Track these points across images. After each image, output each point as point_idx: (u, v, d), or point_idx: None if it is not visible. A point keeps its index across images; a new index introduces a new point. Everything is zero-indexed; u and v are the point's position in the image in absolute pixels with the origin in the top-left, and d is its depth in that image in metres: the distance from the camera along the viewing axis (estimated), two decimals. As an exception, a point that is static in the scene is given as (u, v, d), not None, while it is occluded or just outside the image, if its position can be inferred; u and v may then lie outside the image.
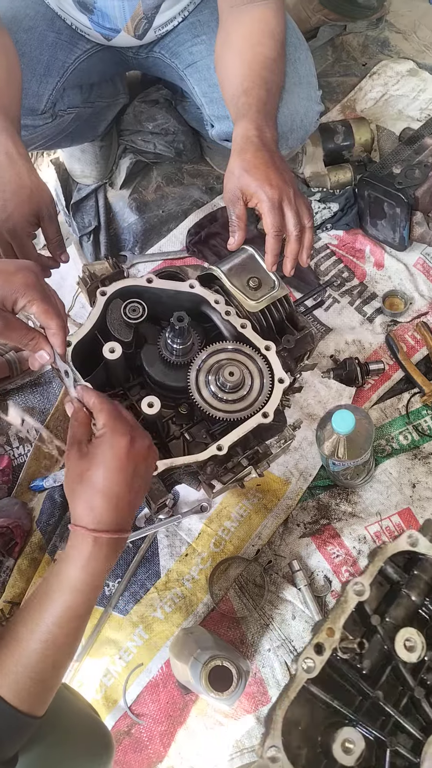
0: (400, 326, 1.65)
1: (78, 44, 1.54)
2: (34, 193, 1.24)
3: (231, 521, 1.46)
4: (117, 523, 0.87)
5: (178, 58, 1.57)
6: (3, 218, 1.24)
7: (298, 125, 1.44)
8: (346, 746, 0.83)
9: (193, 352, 1.14)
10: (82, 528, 0.85)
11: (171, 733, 1.32)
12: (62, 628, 0.85)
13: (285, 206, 1.18)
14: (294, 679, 0.86)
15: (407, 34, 2.17)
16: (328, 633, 0.89)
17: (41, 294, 0.95)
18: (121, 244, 1.86)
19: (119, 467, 0.86)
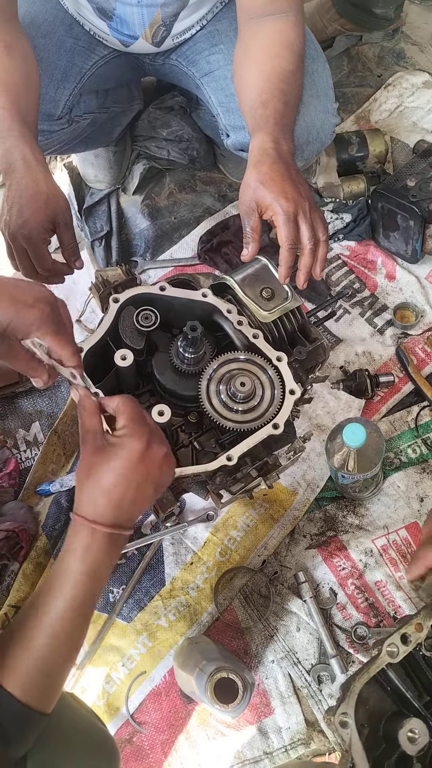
0: (410, 339, 1.65)
1: (95, 50, 1.54)
2: (50, 200, 1.25)
3: (237, 531, 1.45)
4: (116, 519, 0.88)
5: (195, 67, 1.58)
6: (19, 224, 1.24)
7: (314, 137, 1.44)
8: (412, 735, 0.87)
9: (205, 361, 1.14)
10: (82, 518, 0.87)
11: (172, 741, 1.32)
12: (66, 621, 0.86)
13: (300, 219, 1.17)
14: (377, 659, 0.92)
15: (423, 47, 2.17)
16: (417, 628, 0.94)
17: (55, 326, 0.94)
18: (133, 250, 1.86)
19: (129, 470, 0.87)
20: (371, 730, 0.92)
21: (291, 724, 1.29)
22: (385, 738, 0.92)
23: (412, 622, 0.95)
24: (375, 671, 0.91)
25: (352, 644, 1.33)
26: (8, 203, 1.26)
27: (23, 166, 1.23)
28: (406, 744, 0.87)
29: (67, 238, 1.30)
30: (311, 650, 1.34)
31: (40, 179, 1.24)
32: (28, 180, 1.23)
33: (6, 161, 1.24)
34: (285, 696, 1.31)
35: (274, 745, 1.28)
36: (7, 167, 1.24)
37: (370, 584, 1.38)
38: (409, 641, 0.93)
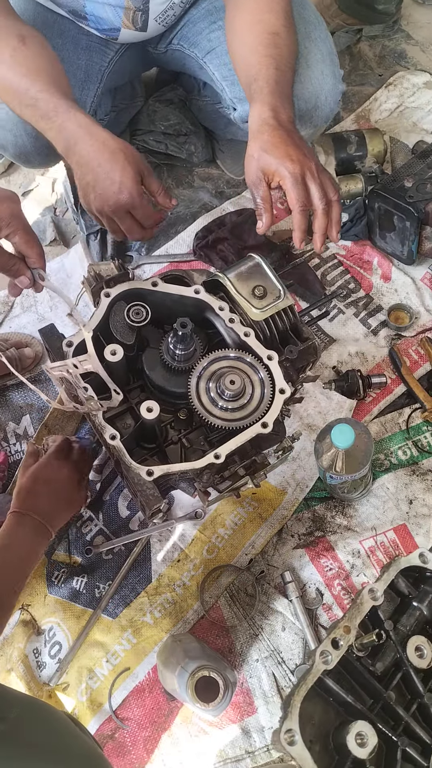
0: (404, 340, 1.64)
1: (109, 45, 1.52)
2: (127, 154, 1.23)
3: (225, 529, 1.45)
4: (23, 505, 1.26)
5: (197, 48, 1.55)
6: (115, 191, 1.22)
7: (323, 102, 1.42)
8: (360, 739, 0.86)
9: (195, 358, 1.14)
10: None
11: (155, 739, 1.31)
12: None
13: (308, 180, 1.15)
14: (311, 669, 0.90)
15: (425, 46, 2.16)
16: (345, 630, 0.93)
17: (24, 224, 1.01)
18: (128, 245, 1.85)
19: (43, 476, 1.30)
20: (321, 745, 0.90)
21: (274, 723, 1.29)
22: (337, 750, 0.90)
23: (339, 625, 0.93)
24: (312, 682, 0.89)
25: (337, 645, 1.32)
26: (88, 177, 1.23)
27: (85, 134, 1.21)
28: (356, 749, 0.85)
29: (155, 183, 1.30)
30: (296, 650, 1.34)
31: (107, 139, 1.22)
32: (97, 144, 1.21)
33: (62, 138, 1.22)
34: (268, 695, 1.31)
35: (257, 744, 1.28)
36: (66, 144, 1.22)
37: (356, 585, 1.37)
38: (340, 645, 0.92)
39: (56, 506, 1.30)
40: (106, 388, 1.08)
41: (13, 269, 1.04)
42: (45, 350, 1.64)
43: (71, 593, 1.42)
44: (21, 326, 1.74)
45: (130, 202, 1.24)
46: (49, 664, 1.37)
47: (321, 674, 0.90)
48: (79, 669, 1.36)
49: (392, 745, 0.90)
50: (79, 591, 1.42)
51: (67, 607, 1.41)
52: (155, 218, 1.33)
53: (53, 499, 1.29)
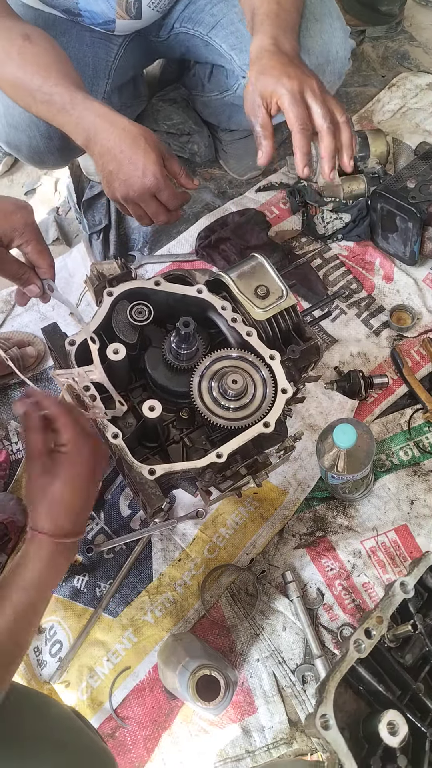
0: (406, 341, 1.64)
1: (111, 38, 1.53)
2: (148, 138, 1.23)
3: (226, 528, 1.45)
4: (74, 527, 0.92)
5: (200, 25, 1.55)
6: (140, 175, 1.22)
7: (334, 56, 1.39)
8: (391, 727, 0.88)
9: (197, 357, 1.14)
10: (45, 535, 0.90)
11: (155, 738, 1.31)
12: (20, 623, 0.88)
13: (309, 98, 1.08)
14: (345, 656, 0.93)
15: (428, 48, 2.16)
16: (377, 621, 0.96)
17: (37, 234, 1.01)
18: (131, 244, 1.86)
19: (81, 483, 0.91)
20: (352, 733, 0.93)
21: (274, 723, 1.29)
22: (366, 738, 0.93)
23: (372, 615, 0.96)
24: (346, 669, 0.92)
25: (338, 645, 1.32)
26: (110, 165, 1.23)
27: (104, 122, 1.20)
28: (387, 737, 0.88)
29: (177, 165, 1.29)
30: (296, 650, 1.34)
31: (126, 125, 1.22)
32: (118, 131, 1.21)
33: (82, 129, 1.21)
34: (269, 695, 1.31)
35: (257, 743, 1.28)
36: (87, 135, 1.22)
37: (357, 585, 1.38)
38: (373, 635, 0.94)
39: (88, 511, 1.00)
40: (108, 389, 1.09)
41: (23, 278, 1.04)
42: (47, 349, 1.65)
43: (72, 592, 1.42)
44: (23, 325, 1.74)
45: (155, 184, 1.24)
46: (49, 663, 1.37)
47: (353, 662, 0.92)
48: (80, 668, 1.36)
49: (421, 735, 0.93)
50: (80, 590, 1.43)
51: (68, 605, 1.41)
52: (180, 199, 1.31)
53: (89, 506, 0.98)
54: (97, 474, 0.94)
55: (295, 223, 1.83)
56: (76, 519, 0.92)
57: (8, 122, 1.40)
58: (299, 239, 1.81)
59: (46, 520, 0.90)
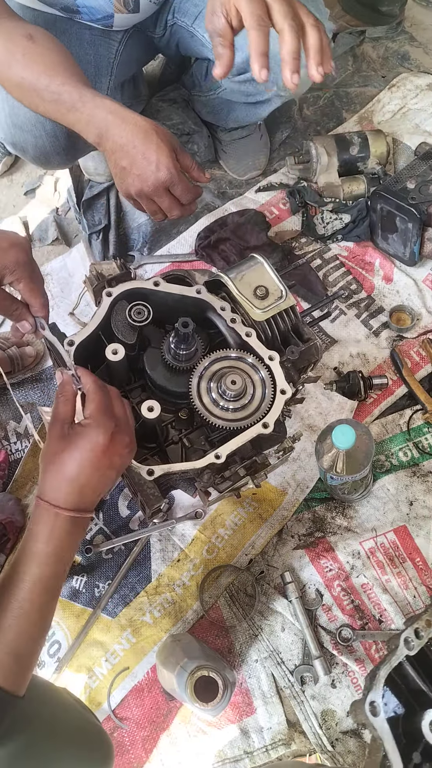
0: (405, 342, 1.64)
1: (111, 35, 1.52)
2: (160, 132, 1.23)
3: (225, 529, 1.45)
4: (79, 504, 0.92)
5: (186, 16, 1.54)
6: (153, 169, 1.22)
7: None
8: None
9: (196, 357, 1.14)
10: (46, 502, 0.90)
11: (153, 738, 1.31)
12: (34, 603, 0.88)
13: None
14: (395, 651, 0.97)
15: (428, 48, 2.16)
16: (426, 623, 0.99)
17: (29, 273, 1.00)
18: (130, 244, 1.86)
19: (92, 460, 0.91)
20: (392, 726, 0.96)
21: (272, 724, 1.29)
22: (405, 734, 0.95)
23: (422, 617, 0.99)
24: (396, 662, 0.95)
25: (337, 646, 1.32)
26: (123, 161, 1.23)
27: (116, 118, 1.20)
28: (430, 735, 0.91)
29: (189, 159, 1.29)
30: (295, 651, 1.34)
31: (138, 120, 1.21)
32: (130, 126, 1.20)
33: (94, 127, 1.21)
34: (267, 696, 1.31)
35: (255, 744, 1.28)
36: (98, 132, 1.22)
37: (356, 586, 1.37)
38: (422, 635, 0.97)
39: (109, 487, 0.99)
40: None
41: (15, 314, 1.04)
42: (46, 349, 1.65)
43: (71, 592, 1.42)
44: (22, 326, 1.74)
45: (169, 178, 1.24)
46: (48, 663, 1.37)
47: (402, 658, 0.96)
48: (78, 668, 1.36)
49: None
50: (78, 590, 1.43)
51: (67, 606, 1.41)
52: (194, 193, 1.32)
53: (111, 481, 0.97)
54: (114, 460, 0.93)
55: (295, 223, 1.83)
56: (80, 494, 0.91)
57: (13, 123, 1.40)
58: (299, 240, 1.80)
59: (50, 488, 0.91)
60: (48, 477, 0.92)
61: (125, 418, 0.98)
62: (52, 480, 0.91)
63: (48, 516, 0.90)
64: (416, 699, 0.97)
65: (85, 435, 0.92)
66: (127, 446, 0.96)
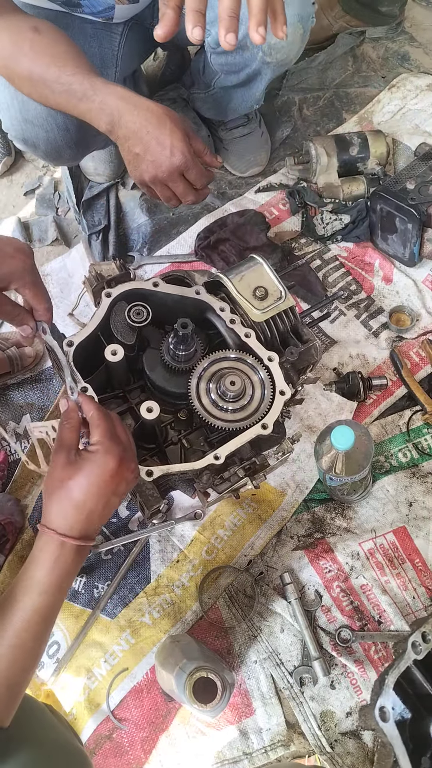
0: (405, 342, 1.64)
1: (112, 28, 1.52)
2: (172, 117, 1.23)
3: (224, 530, 1.45)
4: (84, 532, 0.91)
5: None
6: (168, 154, 1.22)
7: None
8: None
9: (196, 358, 1.14)
10: (52, 531, 0.89)
11: (152, 739, 1.31)
12: (29, 632, 0.87)
13: None
14: (403, 655, 0.97)
15: (428, 49, 2.16)
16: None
17: (33, 278, 1.01)
18: (130, 245, 1.85)
19: (100, 487, 0.90)
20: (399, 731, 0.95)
21: (272, 725, 1.29)
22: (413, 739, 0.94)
23: (429, 620, 1.00)
24: (404, 666, 0.95)
25: (336, 647, 1.32)
26: (137, 148, 1.23)
27: (127, 105, 1.20)
28: None
29: (201, 143, 1.30)
30: (294, 652, 1.34)
31: (150, 105, 1.22)
32: (142, 112, 1.20)
33: (106, 115, 1.21)
34: (266, 697, 1.31)
35: (254, 745, 1.28)
36: (111, 119, 1.21)
37: (355, 587, 1.37)
38: (429, 639, 0.98)
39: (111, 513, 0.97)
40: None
41: (18, 319, 1.05)
42: (45, 350, 1.65)
43: (70, 593, 1.42)
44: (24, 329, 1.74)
45: (184, 163, 1.24)
46: (47, 664, 1.37)
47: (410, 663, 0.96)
48: (78, 669, 1.36)
49: None
50: (77, 591, 1.42)
51: (66, 606, 1.41)
52: (207, 177, 1.32)
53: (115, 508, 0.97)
54: (119, 486, 0.92)
55: (295, 224, 1.83)
56: (86, 522, 0.90)
57: (24, 118, 1.39)
58: (298, 240, 1.80)
59: (56, 515, 0.90)
60: (54, 504, 0.90)
61: (129, 444, 0.97)
62: (58, 507, 0.90)
63: (53, 545, 0.89)
64: (424, 703, 0.97)
65: (95, 461, 0.91)
66: (133, 471, 0.96)
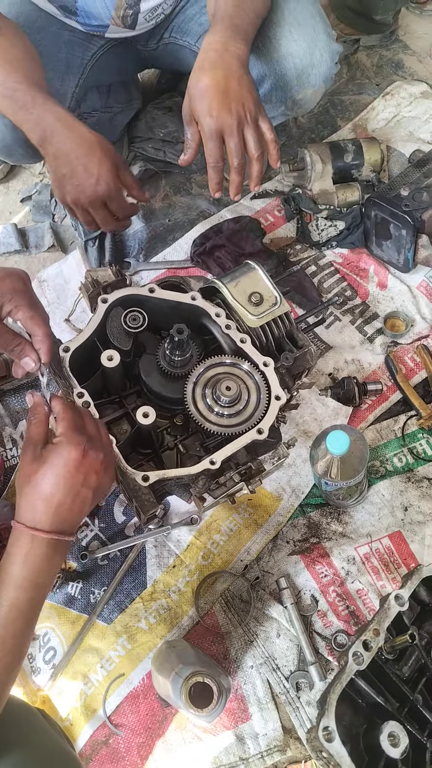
0: (400, 348, 1.65)
1: (93, 40, 1.54)
2: (104, 147, 1.25)
3: (220, 535, 1.45)
4: (55, 525, 0.90)
5: (189, 35, 1.57)
6: (93, 183, 1.24)
7: (318, 59, 1.43)
8: (392, 739, 0.90)
9: (191, 364, 1.14)
10: (22, 525, 0.89)
11: (149, 745, 1.31)
12: (8, 629, 0.87)
13: (226, 137, 1.18)
14: (345, 669, 0.94)
15: (422, 57, 2.18)
16: (374, 633, 0.98)
17: (28, 301, 0.98)
18: (126, 251, 1.86)
19: (66, 477, 0.90)
20: (352, 746, 0.93)
21: (268, 730, 1.29)
22: (367, 751, 0.92)
23: (369, 628, 0.97)
24: (346, 680, 0.93)
25: (332, 652, 1.32)
26: (64, 169, 1.24)
27: (62, 127, 1.22)
28: (388, 749, 0.88)
29: (130, 177, 1.33)
30: (290, 657, 1.34)
31: (84, 132, 1.24)
32: (74, 136, 1.22)
33: (39, 129, 1.22)
34: (263, 702, 1.31)
35: (251, 751, 1.28)
36: (42, 134, 1.23)
37: (351, 592, 1.38)
38: (371, 647, 0.95)
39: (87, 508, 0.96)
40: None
41: (17, 349, 1.00)
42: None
43: (66, 599, 1.42)
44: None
45: (107, 193, 1.27)
46: (43, 670, 1.37)
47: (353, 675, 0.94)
48: (74, 674, 1.36)
49: (421, 747, 0.94)
50: (74, 596, 1.42)
51: (62, 612, 1.41)
52: (130, 210, 1.35)
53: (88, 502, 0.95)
54: (89, 477, 0.92)
55: (290, 230, 1.84)
56: (55, 515, 0.89)
57: None
58: (294, 246, 1.81)
59: (25, 510, 0.90)
60: (23, 499, 0.90)
61: (98, 435, 0.97)
62: (26, 501, 0.90)
63: (24, 539, 0.89)
64: (375, 712, 0.96)
65: (57, 452, 0.90)
66: (102, 463, 0.94)
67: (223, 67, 1.18)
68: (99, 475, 0.94)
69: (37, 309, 1.00)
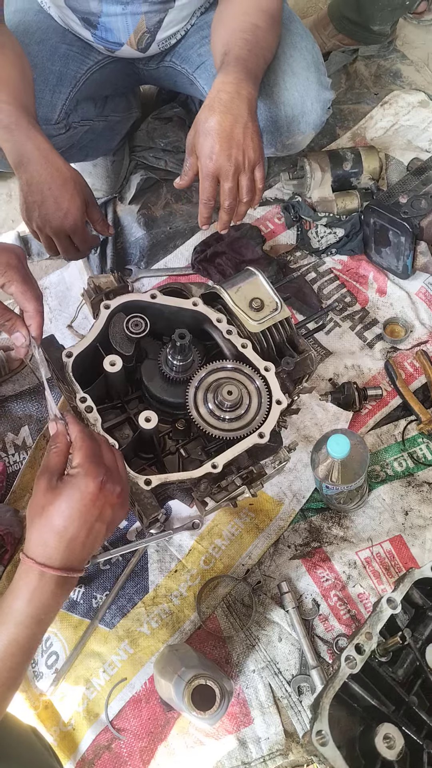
0: (399, 353, 1.66)
1: (89, 55, 1.56)
2: (77, 184, 1.28)
3: (222, 539, 1.46)
4: (66, 562, 0.87)
5: (188, 63, 1.59)
6: (60, 216, 1.27)
7: (309, 108, 1.47)
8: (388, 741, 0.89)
9: (193, 369, 1.15)
10: (31, 560, 0.85)
11: (151, 749, 1.31)
12: (5, 663, 0.84)
13: (222, 179, 1.24)
14: (338, 672, 0.94)
15: (419, 66, 2.20)
16: (367, 636, 0.97)
17: (22, 276, 1.00)
18: (128, 258, 1.88)
19: (81, 511, 0.86)
20: (348, 750, 0.93)
21: (270, 734, 1.29)
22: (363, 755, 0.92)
23: (361, 631, 0.97)
24: (339, 685, 0.92)
25: (334, 655, 1.33)
26: (34, 197, 1.26)
27: (40, 156, 1.23)
28: (384, 751, 0.88)
29: (97, 213, 1.37)
30: (292, 661, 1.34)
31: (61, 166, 1.26)
32: (51, 169, 1.24)
33: (17, 153, 1.24)
34: (265, 706, 1.31)
35: (253, 755, 1.28)
36: (19, 159, 1.24)
37: (352, 596, 1.38)
38: (363, 650, 0.95)
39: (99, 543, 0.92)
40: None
41: (8, 324, 1.00)
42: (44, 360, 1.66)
43: (68, 603, 1.43)
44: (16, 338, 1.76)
45: (72, 227, 1.30)
46: (45, 674, 1.37)
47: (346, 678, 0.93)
48: (76, 679, 1.36)
49: (417, 748, 0.93)
50: (76, 601, 1.43)
51: (64, 617, 1.41)
52: (91, 242, 1.39)
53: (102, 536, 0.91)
54: (104, 511, 0.88)
55: (290, 237, 1.85)
56: (68, 551, 0.86)
57: None
58: (294, 253, 1.83)
59: (36, 544, 0.86)
60: (34, 531, 0.86)
61: (116, 466, 0.93)
62: (38, 535, 0.86)
63: (32, 575, 0.85)
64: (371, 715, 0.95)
65: (73, 484, 0.86)
66: (119, 496, 0.90)
67: (232, 112, 1.20)
68: (114, 508, 0.90)
69: (29, 284, 1.01)
